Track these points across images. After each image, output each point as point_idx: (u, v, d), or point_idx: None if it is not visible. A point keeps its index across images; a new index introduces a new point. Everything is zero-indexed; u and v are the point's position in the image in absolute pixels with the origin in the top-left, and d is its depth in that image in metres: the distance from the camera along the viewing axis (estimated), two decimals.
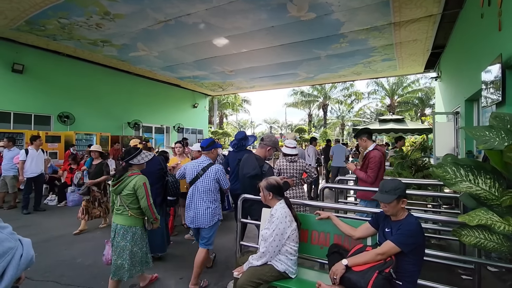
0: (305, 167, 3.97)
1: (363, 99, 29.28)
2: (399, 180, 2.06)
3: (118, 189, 2.68)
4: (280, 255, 2.29)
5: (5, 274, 1.01)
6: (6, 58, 9.01)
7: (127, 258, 2.59)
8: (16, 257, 1.05)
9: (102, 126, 11.46)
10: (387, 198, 1.97)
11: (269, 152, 3.12)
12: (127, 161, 2.75)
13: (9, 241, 1.06)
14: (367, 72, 12.33)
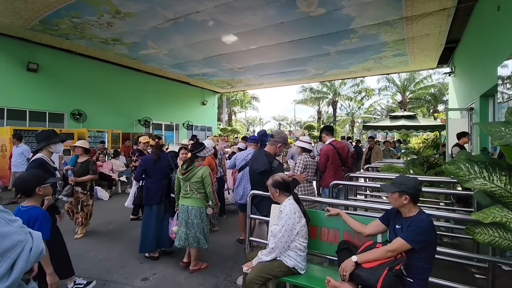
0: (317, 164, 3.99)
1: (374, 96, 28.78)
2: (413, 178, 2.03)
3: (188, 177, 3.22)
4: (290, 251, 2.29)
5: (15, 267, 1.03)
6: (22, 57, 9.26)
7: (201, 232, 3.19)
8: (26, 250, 1.07)
9: (113, 123, 11.67)
10: (389, 188, 2.00)
11: (279, 148, 3.12)
12: (195, 153, 3.29)
13: (18, 234, 1.08)
14: (378, 68, 12.12)
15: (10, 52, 9.02)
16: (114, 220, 5.16)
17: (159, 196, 3.55)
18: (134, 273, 3.22)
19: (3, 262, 1.00)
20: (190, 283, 3.03)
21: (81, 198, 4.31)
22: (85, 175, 4.25)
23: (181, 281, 3.07)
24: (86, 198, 4.34)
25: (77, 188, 4.26)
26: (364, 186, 4.80)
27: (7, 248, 1.02)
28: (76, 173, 4.24)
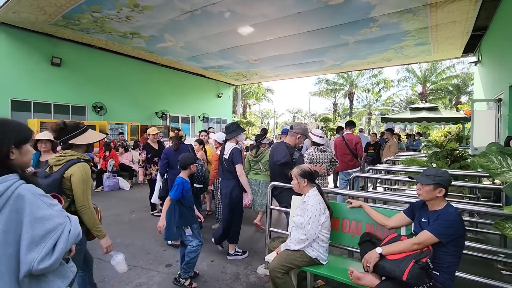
0: (332, 157, 3.97)
1: (392, 87, 27.92)
2: (446, 171, 1.99)
3: (259, 158, 4.20)
4: (313, 242, 2.31)
5: (56, 247, 1.11)
6: (46, 52, 9.59)
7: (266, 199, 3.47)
8: (65, 232, 1.16)
9: (132, 116, 11.96)
10: (423, 180, 1.94)
11: (299, 140, 3.11)
12: (260, 141, 4.30)
13: (59, 217, 1.16)
14: (398, 58, 11.72)
15: (36, 47, 9.36)
16: (136, 210, 5.35)
17: None
18: (158, 259, 3.34)
19: (46, 242, 1.09)
20: (212, 270, 3.13)
21: None
22: None
23: (203, 268, 3.17)
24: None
25: None
26: (384, 178, 4.72)
27: (49, 230, 1.11)
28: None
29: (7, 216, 1.06)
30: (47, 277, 1.16)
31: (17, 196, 1.09)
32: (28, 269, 1.05)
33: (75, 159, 1.95)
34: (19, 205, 1.08)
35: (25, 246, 1.06)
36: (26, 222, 1.08)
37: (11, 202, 1.08)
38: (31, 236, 1.07)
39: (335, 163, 3.99)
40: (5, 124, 1.19)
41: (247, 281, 2.93)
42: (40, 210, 1.11)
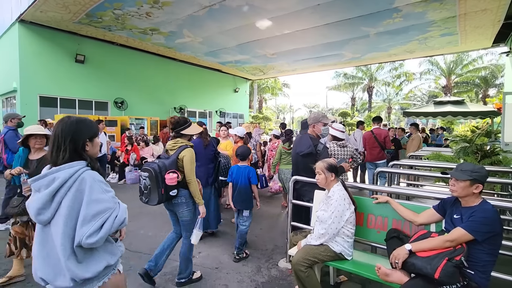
0: (353, 152, 3.89)
1: (414, 80, 26.89)
2: (482, 167, 1.89)
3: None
4: (337, 237, 2.28)
5: (103, 227, 1.29)
6: (70, 50, 9.95)
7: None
8: (113, 216, 1.33)
9: (151, 111, 12.23)
10: (460, 175, 1.85)
11: (316, 128, 3.07)
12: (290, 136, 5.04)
13: (109, 202, 1.35)
14: (422, 49, 11.25)
15: (61, 45, 9.73)
16: None
17: (205, 179, 3.69)
18: None
19: (96, 221, 1.28)
20: (233, 263, 3.16)
21: None
22: None
23: (224, 260, 3.21)
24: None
25: None
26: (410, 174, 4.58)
27: (100, 211, 1.30)
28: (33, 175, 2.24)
29: (74, 194, 1.30)
30: (98, 251, 1.37)
31: (82, 179, 1.32)
32: (79, 241, 1.25)
33: (184, 145, 2.54)
34: (82, 187, 1.31)
35: (80, 221, 1.27)
36: (84, 202, 1.29)
37: (77, 183, 1.31)
38: (85, 214, 1.27)
39: (357, 159, 3.91)
40: (81, 122, 1.43)
41: (269, 274, 2.94)
42: (95, 194, 1.32)
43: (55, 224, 1.30)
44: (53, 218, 1.30)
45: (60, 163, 1.34)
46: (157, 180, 2.34)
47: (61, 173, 1.30)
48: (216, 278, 2.86)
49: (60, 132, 1.37)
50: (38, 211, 1.29)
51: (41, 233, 1.33)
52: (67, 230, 1.27)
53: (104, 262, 1.37)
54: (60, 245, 1.26)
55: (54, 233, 1.29)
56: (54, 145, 1.37)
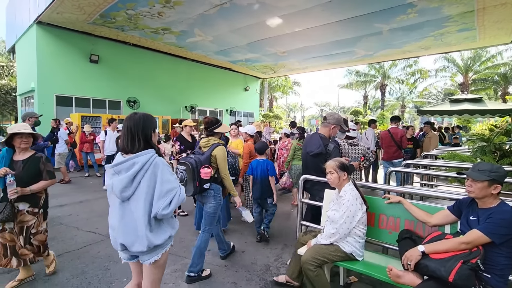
0: (364, 151, 3.82)
1: (429, 78, 26.13)
2: (501, 166, 1.82)
3: None
4: (348, 237, 2.24)
5: (172, 202, 1.61)
6: (85, 50, 10.19)
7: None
8: (177, 194, 1.65)
9: (162, 109, 12.39)
10: (477, 175, 1.77)
11: (333, 130, 3.01)
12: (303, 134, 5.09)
13: (175, 183, 1.68)
14: (438, 45, 10.94)
15: (76, 46, 9.98)
16: None
17: None
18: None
19: (167, 197, 1.60)
20: (243, 261, 3.17)
21: (28, 222, 2.52)
22: (35, 181, 2.51)
23: (234, 259, 3.22)
24: (38, 221, 2.56)
25: (21, 206, 2.50)
26: (424, 174, 4.46)
27: (169, 189, 1.62)
28: (20, 180, 2.43)
29: (150, 176, 1.60)
30: (164, 223, 1.70)
31: (155, 163, 1.63)
32: (155, 212, 1.58)
33: (216, 143, 2.78)
34: (156, 170, 1.62)
35: (156, 197, 1.60)
36: (158, 181, 1.61)
37: (152, 167, 1.62)
38: (159, 191, 1.60)
39: (370, 157, 3.84)
40: (147, 117, 1.74)
41: (278, 273, 2.92)
42: (166, 175, 1.64)
43: (135, 200, 1.61)
44: (132, 195, 1.61)
45: (136, 151, 1.64)
46: (194, 173, 2.57)
47: (139, 159, 1.61)
48: (225, 276, 2.87)
49: (132, 126, 1.66)
50: (122, 189, 1.59)
51: (120, 207, 1.64)
52: (146, 204, 1.59)
53: (168, 232, 1.70)
54: (141, 216, 1.58)
55: (133, 207, 1.61)
56: (128, 137, 1.66)
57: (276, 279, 2.67)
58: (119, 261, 3.06)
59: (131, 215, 1.61)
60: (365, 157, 3.84)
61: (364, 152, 3.85)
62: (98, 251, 3.34)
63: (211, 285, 2.65)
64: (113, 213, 1.67)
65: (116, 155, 1.70)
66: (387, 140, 5.95)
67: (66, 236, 3.77)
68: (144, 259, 1.66)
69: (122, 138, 1.70)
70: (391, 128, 6.13)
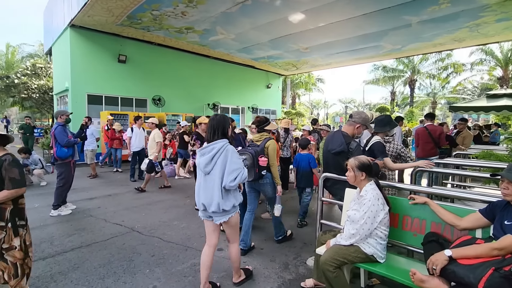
0: (399, 150, 3.63)
1: (464, 72, 24.49)
2: None
3: None
4: (369, 238, 2.16)
5: (236, 178, 2.22)
6: (113, 51, 10.65)
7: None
8: (241, 173, 2.26)
9: (186, 107, 12.69)
10: None
11: (358, 130, 2.89)
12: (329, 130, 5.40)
13: (240, 164, 2.30)
14: (473, 37, 10.21)
15: (105, 47, 10.46)
16: (190, 195, 5.68)
17: None
18: None
19: (233, 174, 2.22)
20: (261, 258, 3.17)
21: None
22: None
23: (252, 255, 3.23)
24: (8, 235, 2.13)
25: None
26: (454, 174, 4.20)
27: (236, 168, 2.24)
28: None
29: (223, 158, 2.24)
30: (230, 194, 2.32)
31: (227, 149, 2.27)
32: (225, 184, 2.22)
33: (268, 137, 3.36)
34: (227, 153, 2.26)
35: (226, 173, 2.23)
36: (228, 162, 2.24)
37: (224, 151, 2.26)
38: (229, 169, 2.23)
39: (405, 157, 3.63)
40: (224, 117, 2.40)
41: (296, 271, 2.90)
42: (234, 158, 2.27)
43: (213, 174, 2.26)
44: (211, 170, 2.26)
45: (215, 140, 2.29)
46: (253, 161, 3.05)
47: (217, 145, 2.27)
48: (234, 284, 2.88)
49: (214, 124, 2.34)
50: (205, 166, 2.27)
51: (204, 179, 2.32)
52: (220, 178, 2.23)
53: (233, 202, 2.32)
54: (217, 186, 2.23)
55: (212, 179, 2.26)
56: (211, 131, 2.33)
57: (303, 284, 2.59)
58: (143, 253, 3.20)
59: (210, 185, 2.26)
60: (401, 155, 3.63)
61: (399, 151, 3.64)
62: (123, 243, 3.49)
63: (229, 281, 2.68)
64: (198, 183, 2.37)
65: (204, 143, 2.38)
66: (425, 136, 5.66)
67: (95, 228, 3.98)
68: (216, 219, 2.34)
69: (207, 131, 2.37)
70: (428, 125, 5.83)
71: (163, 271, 2.85)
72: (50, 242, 3.48)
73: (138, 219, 4.35)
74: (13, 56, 25.85)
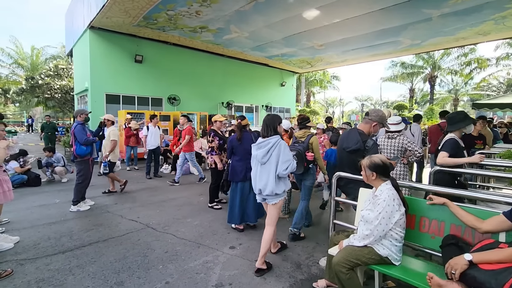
0: (405, 144, 3.52)
1: (489, 67, 23.35)
2: None
3: None
4: (384, 240, 2.10)
5: (287, 168, 2.63)
6: (130, 51, 10.91)
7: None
8: (291, 164, 2.67)
9: (201, 106, 12.82)
10: None
11: (375, 128, 2.82)
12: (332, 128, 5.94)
13: (291, 156, 2.71)
14: (499, 30, 9.70)
15: (123, 47, 10.73)
16: (203, 193, 5.73)
17: (243, 173, 3.73)
18: (223, 241, 3.53)
19: (285, 164, 2.63)
20: (273, 257, 3.15)
21: None
22: None
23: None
24: None
25: None
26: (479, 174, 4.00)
27: (288, 160, 2.65)
28: None
29: (277, 151, 2.65)
30: (281, 182, 2.73)
31: (280, 144, 2.67)
32: (278, 172, 2.64)
33: (311, 134, 3.68)
34: (281, 148, 2.66)
35: (280, 163, 2.64)
36: (281, 154, 2.65)
37: (278, 145, 2.66)
38: (282, 159, 2.64)
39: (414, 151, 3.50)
40: (275, 116, 2.83)
41: (309, 271, 2.86)
42: (286, 151, 2.67)
43: (268, 164, 2.69)
44: (267, 161, 2.69)
45: (269, 136, 2.72)
46: (302, 156, 3.38)
47: (271, 140, 2.69)
48: (255, 271, 2.88)
49: (267, 122, 2.76)
50: (262, 157, 2.69)
51: (260, 168, 2.76)
52: (274, 167, 2.66)
53: (283, 187, 2.74)
54: (272, 173, 2.67)
55: (267, 168, 2.70)
56: (265, 128, 2.75)
57: (316, 285, 2.55)
58: (157, 249, 3.25)
59: (266, 172, 2.72)
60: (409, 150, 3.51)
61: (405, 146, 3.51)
62: (138, 238, 3.57)
63: (241, 279, 2.68)
64: (255, 171, 2.82)
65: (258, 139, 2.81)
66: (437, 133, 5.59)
67: (111, 223, 4.10)
68: (269, 201, 2.77)
69: (262, 128, 2.79)
70: (442, 123, 5.77)
71: (175, 267, 2.89)
72: (69, 236, 3.61)
73: (152, 215, 4.44)
74: (38, 58, 27.09)
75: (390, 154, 3.57)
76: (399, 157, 3.53)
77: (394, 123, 3.64)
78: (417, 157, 3.45)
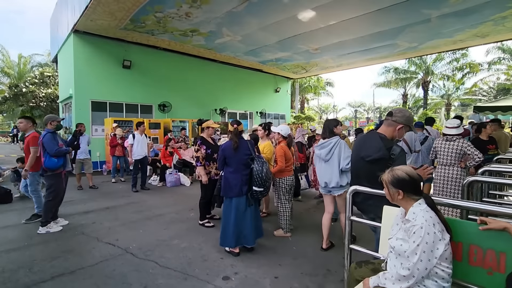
0: (465, 148, 3.10)
1: (480, 72, 23.45)
2: None
3: None
4: (426, 280, 1.58)
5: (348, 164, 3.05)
6: (118, 56, 10.36)
7: None
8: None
9: (192, 113, 12.26)
10: None
11: (399, 132, 2.28)
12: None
13: (350, 153, 3.04)
14: (497, 32, 9.49)
15: (109, 52, 10.18)
16: (194, 207, 5.15)
17: (239, 188, 3.19)
18: (215, 269, 2.96)
19: (346, 160, 3.11)
20: None
21: None
22: None
23: (265, 286, 2.65)
24: None
25: None
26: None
27: (348, 156, 3.11)
28: None
29: (338, 149, 3.19)
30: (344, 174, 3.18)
31: (340, 144, 3.21)
32: (341, 167, 3.16)
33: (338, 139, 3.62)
34: (341, 147, 3.20)
35: (341, 159, 3.17)
36: (342, 152, 3.18)
37: (338, 145, 3.21)
38: (343, 156, 3.16)
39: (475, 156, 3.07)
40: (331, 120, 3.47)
41: None
42: (346, 150, 3.18)
43: (331, 161, 3.18)
44: (330, 158, 3.18)
45: (329, 137, 3.24)
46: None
47: (332, 140, 3.21)
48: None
49: (326, 125, 3.32)
50: (325, 155, 3.20)
51: (324, 165, 3.26)
52: (337, 163, 3.15)
53: (346, 180, 3.17)
54: (336, 168, 3.16)
55: (330, 165, 3.19)
56: (325, 130, 3.30)
57: None
58: (134, 284, 2.66)
59: (329, 168, 3.18)
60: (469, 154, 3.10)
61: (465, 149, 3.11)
62: (113, 269, 2.97)
63: None
64: (320, 168, 3.32)
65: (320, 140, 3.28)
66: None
67: (84, 249, 3.48)
68: (334, 192, 3.23)
69: (323, 130, 3.30)
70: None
71: None
72: (29, 268, 2.99)
73: (134, 237, 3.84)
74: (25, 67, 26.28)
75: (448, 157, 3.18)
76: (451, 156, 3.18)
77: (453, 126, 3.25)
78: (476, 162, 3.03)
